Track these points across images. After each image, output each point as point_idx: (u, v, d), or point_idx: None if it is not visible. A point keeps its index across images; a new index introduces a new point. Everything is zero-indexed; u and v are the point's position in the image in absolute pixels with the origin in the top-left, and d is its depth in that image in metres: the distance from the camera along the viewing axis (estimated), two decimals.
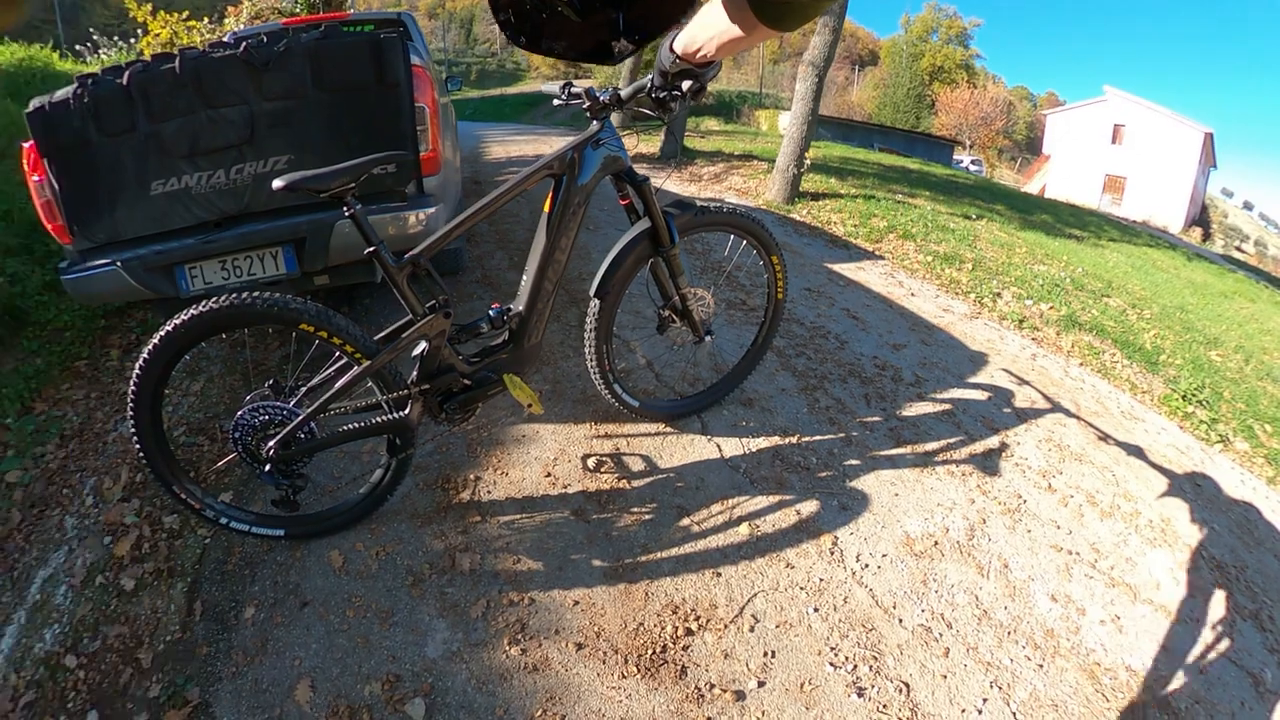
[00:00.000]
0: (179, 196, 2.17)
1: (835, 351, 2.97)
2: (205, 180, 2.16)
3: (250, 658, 1.61)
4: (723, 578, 1.76)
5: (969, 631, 1.67)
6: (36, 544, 2.06)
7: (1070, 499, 2.22)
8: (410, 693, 1.51)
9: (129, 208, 2.18)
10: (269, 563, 1.85)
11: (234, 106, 2.12)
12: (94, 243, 2.23)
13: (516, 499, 2.03)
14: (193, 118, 2.10)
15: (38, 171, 2.17)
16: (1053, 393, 2.92)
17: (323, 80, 2.15)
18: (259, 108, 2.13)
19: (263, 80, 2.10)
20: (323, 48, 2.13)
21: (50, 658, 1.69)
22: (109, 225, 2.21)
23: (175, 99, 2.08)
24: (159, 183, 2.15)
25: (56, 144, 2.12)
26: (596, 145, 1.77)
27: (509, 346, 1.86)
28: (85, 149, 2.12)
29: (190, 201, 2.18)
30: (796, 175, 5.68)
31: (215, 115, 2.11)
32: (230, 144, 2.14)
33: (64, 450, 2.46)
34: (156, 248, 2.21)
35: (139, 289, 2.22)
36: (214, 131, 2.13)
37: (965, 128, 32.30)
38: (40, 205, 2.23)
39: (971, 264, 4.61)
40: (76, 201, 2.18)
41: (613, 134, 1.81)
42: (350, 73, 2.17)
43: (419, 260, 1.64)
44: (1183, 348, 4.04)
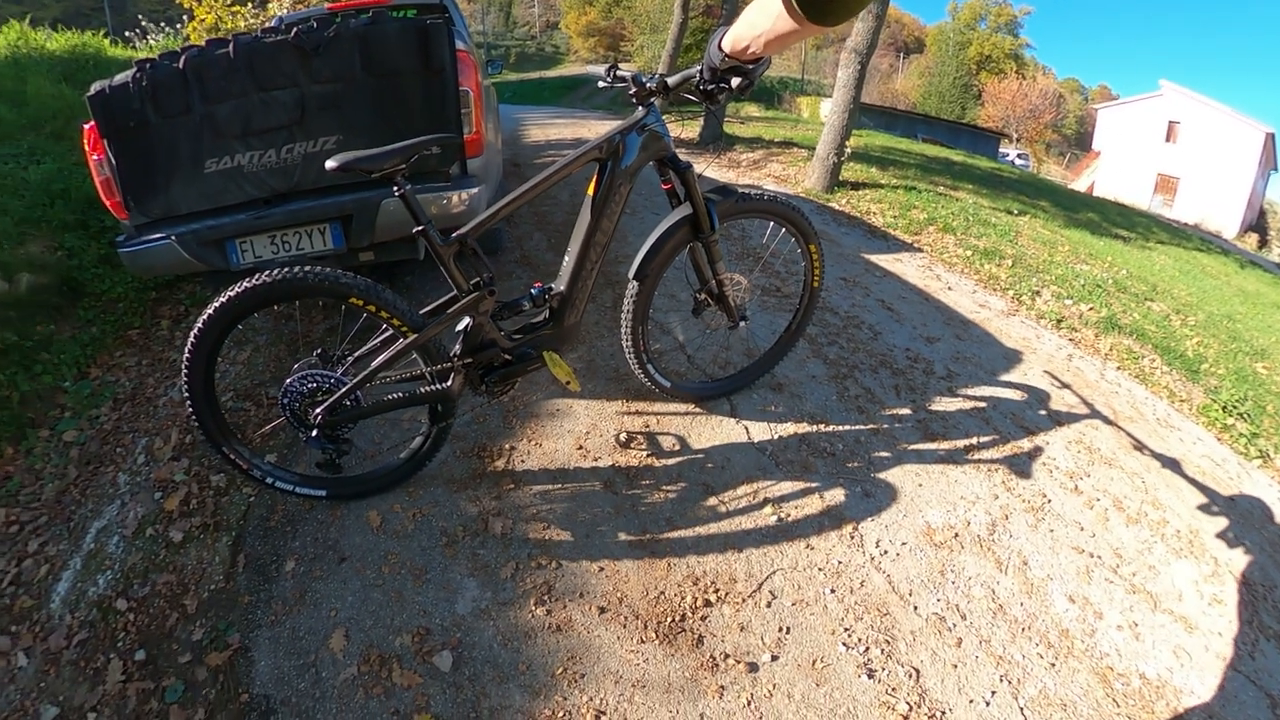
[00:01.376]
0: (231, 174, 2.26)
1: (868, 341, 2.97)
2: (257, 159, 2.25)
3: (289, 607, 1.70)
4: (743, 554, 1.81)
5: (983, 624, 1.69)
6: (91, 498, 2.19)
7: (1096, 502, 2.21)
8: (439, 645, 1.58)
9: (183, 185, 2.28)
10: (310, 520, 1.94)
11: (285, 89, 2.19)
12: (149, 218, 2.33)
13: (549, 469, 2.09)
14: (245, 100, 2.19)
15: (97, 151, 2.28)
16: (1087, 395, 2.89)
17: (371, 64, 2.21)
18: (309, 90, 2.20)
19: (313, 64, 2.18)
20: (371, 33, 2.19)
21: (102, 601, 1.80)
22: (164, 201, 2.31)
23: (229, 82, 2.17)
24: (212, 161, 2.24)
25: (115, 125, 2.21)
26: (642, 131, 1.80)
27: (550, 324, 1.92)
28: (143, 129, 2.21)
29: (242, 179, 2.27)
30: (837, 164, 5.61)
31: (267, 97, 2.19)
32: (281, 125, 2.22)
33: (117, 413, 2.60)
34: (209, 223, 2.32)
35: (191, 262, 2.33)
36: (265, 113, 2.21)
37: (1012, 120, 31.29)
38: (99, 182, 2.34)
39: (1012, 260, 4.53)
40: (134, 179, 2.27)
41: (658, 120, 1.83)
42: (397, 57, 2.22)
43: (466, 239, 1.70)
44: (1227, 357, 3.93)
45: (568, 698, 1.47)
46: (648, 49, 21.98)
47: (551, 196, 4.35)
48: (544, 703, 1.47)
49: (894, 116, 21.35)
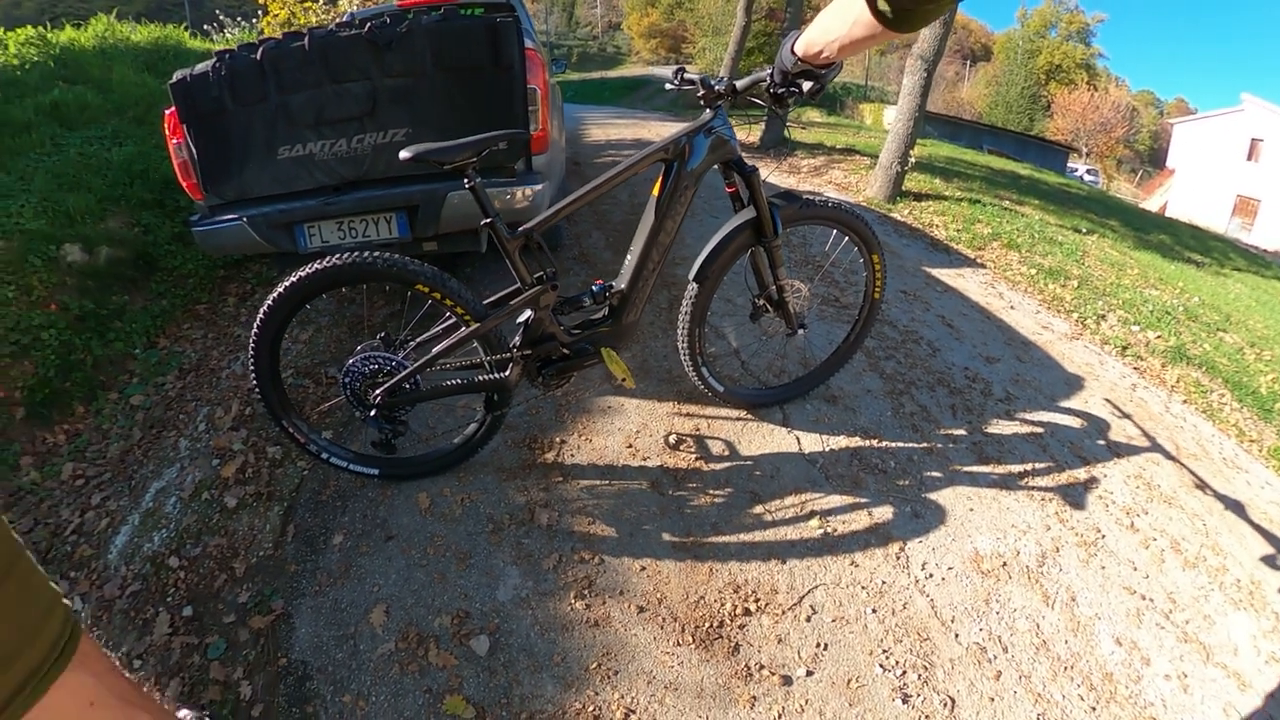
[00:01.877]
0: (303, 161, 2.35)
1: (926, 358, 2.92)
2: (328, 148, 2.33)
3: (333, 579, 1.75)
4: (787, 566, 1.80)
5: (1024, 659, 1.65)
6: (153, 459, 2.30)
7: (1153, 542, 2.12)
8: (477, 629, 1.61)
9: (257, 169, 2.38)
10: (360, 497, 1.99)
11: (357, 82, 2.27)
12: (223, 199, 2.44)
13: (597, 465, 2.12)
14: (319, 90, 2.27)
15: (177, 135, 2.39)
16: (1149, 428, 2.77)
17: (441, 60, 2.27)
18: (380, 83, 2.28)
19: (385, 58, 2.24)
20: (442, 29, 2.25)
21: (156, 557, 1.89)
22: (238, 184, 2.41)
23: (304, 73, 2.25)
24: (285, 148, 2.34)
25: (195, 111, 2.33)
26: (709, 133, 1.80)
27: (608, 322, 1.94)
28: (221, 116, 2.32)
29: (313, 166, 2.36)
30: (900, 173, 5.49)
31: (340, 89, 2.27)
32: (352, 116, 2.30)
33: (182, 381, 2.73)
34: (280, 207, 2.41)
35: (261, 243, 2.43)
36: (338, 104, 2.29)
37: (1082, 133, 30.02)
38: (177, 165, 2.45)
39: (1077, 281, 4.38)
40: (210, 162, 2.39)
41: (725, 123, 1.83)
42: (467, 54, 2.28)
43: (532, 234, 1.72)
44: None
45: (599, 693, 1.49)
46: (709, 51, 21.84)
47: (611, 196, 4.37)
48: (575, 696, 1.48)
49: (959, 126, 20.76)
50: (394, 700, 1.48)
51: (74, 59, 5.17)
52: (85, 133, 4.12)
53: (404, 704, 1.47)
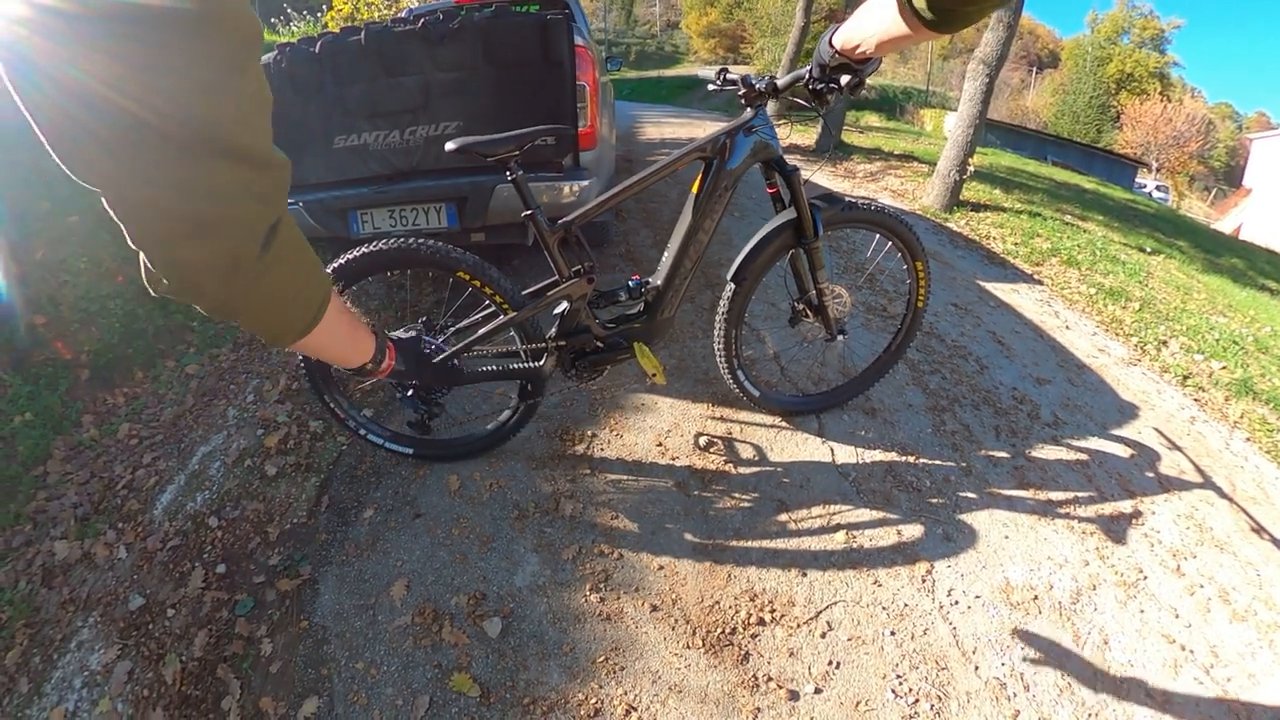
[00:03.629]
0: (357, 151, 2.42)
1: (973, 375, 2.82)
2: (382, 139, 2.39)
3: (360, 551, 1.81)
4: (807, 578, 1.76)
5: (1046, 700, 1.57)
6: (202, 425, 2.41)
7: (1199, 589, 2.00)
8: (491, 611, 1.64)
9: (314, 158, 2.45)
10: (393, 475, 2.05)
11: (411, 75, 2.32)
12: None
13: (626, 460, 2.12)
14: (374, 83, 2.33)
15: None
16: (1206, 465, 2.63)
17: (493, 56, 2.31)
18: (433, 78, 2.33)
19: (437, 53, 2.29)
20: (494, 26, 2.29)
21: (197, 515, 1.99)
22: (296, 171, 2.46)
23: (359, 67, 2.31)
24: (341, 138, 2.40)
25: None
26: (749, 132, 1.79)
27: (643, 317, 1.95)
28: (279, 106, 2.36)
29: (367, 156, 2.42)
30: (958, 182, 5.31)
31: (394, 83, 2.33)
32: (406, 108, 2.36)
33: (235, 354, 2.86)
34: (335, 193, 2.48)
35: (315, 228, 2.50)
36: (392, 96, 2.35)
37: (1153, 147, 28.58)
38: None
39: (1139, 304, 4.18)
40: None
41: (766, 122, 1.81)
42: (518, 50, 2.31)
43: (571, 226, 1.74)
44: None
45: (603, 687, 1.49)
46: (768, 52, 21.47)
47: (661, 194, 4.36)
48: (579, 686, 1.49)
49: (1023, 135, 20.07)
50: (404, 672, 1.52)
51: None
52: None
53: (413, 676, 1.51)
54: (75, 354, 2.58)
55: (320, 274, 0.75)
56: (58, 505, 2.06)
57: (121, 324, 2.76)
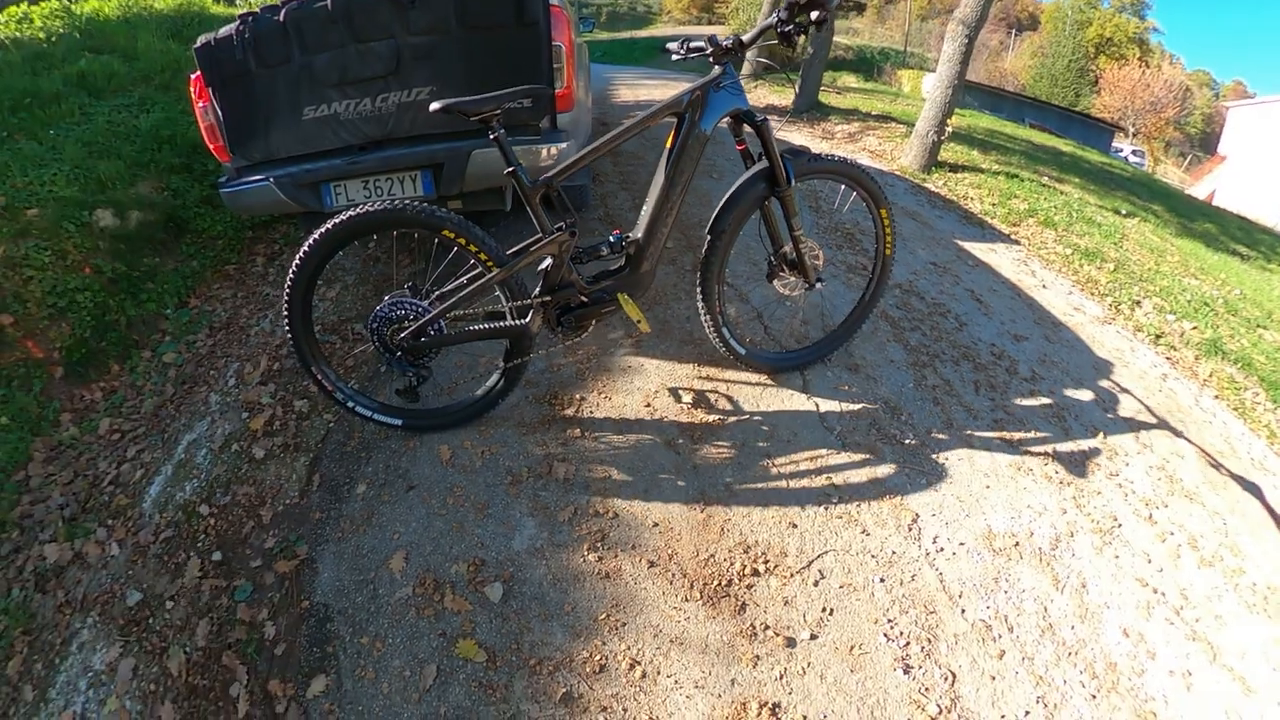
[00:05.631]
0: (328, 121, 2.35)
1: (952, 332, 2.87)
2: (353, 107, 2.33)
3: (356, 527, 1.81)
4: (798, 529, 1.81)
5: (1029, 640, 1.64)
6: (185, 413, 2.37)
7: (1170, 536, 2.09)
8: (492, 577, 1.65)
9: (282, 130, 2.39)
10: (384, 448, 2.04)
11: (381, 41, 2.26)
12: (250, 161, 2.46)
13: (615, 421, 2.13)
14: (343, 51, 2.26)
15: (203, 98, 2.40)
16: (1177, 421, 2.72)
17: (465, 18, 2.25)
18: (404, 42, 2.26)
19: (408, 17, 2.23)
20: None
21: (188, 505, 1.97)
22: (264, 145, 2.42)
23: (327, 34, 2.24)
24: (310, 109, 2.34)
25: (220, 74, 2.34)
26: (718, 88, 1.84)
27: (625, 271, 1.98)
28: (245, 78, 2.32)
29: (338, 126, 2.36)
30: (936, 143, 5.31)
31: (363, 49, 2.26)
32: (376, 75, 2.29)
33: (213, 339, 2.80)
34: (306, 166, 2.42)
35: (287, 203, 2.44)
36: (362, 63, 2.28)
37: (1130, 112, 28.54)
38: (204, 128, 2.47)
39: (1114, 265, 4.25)
40: (236, 124, 2.40)
41: (733, 78, 1.86)
42: (491, 11, 2.25)
43: (551, 183, 1.77)
44: None
45: (606, 643, 1.52)
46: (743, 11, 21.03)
47: (638, 157, 4.32)
48: (583, 644, 1.52)
49: (1001, 98, 19.97)
50: (410, 643, 1.53)
51: (99, 29, 5.17)
52: (113, 101, 4.15)
53: (419, 646, 1.52)
54: (47, 352, 2.52)
55: None
56: (43, 509, 2.03)
57: (92, 317, 2.70)
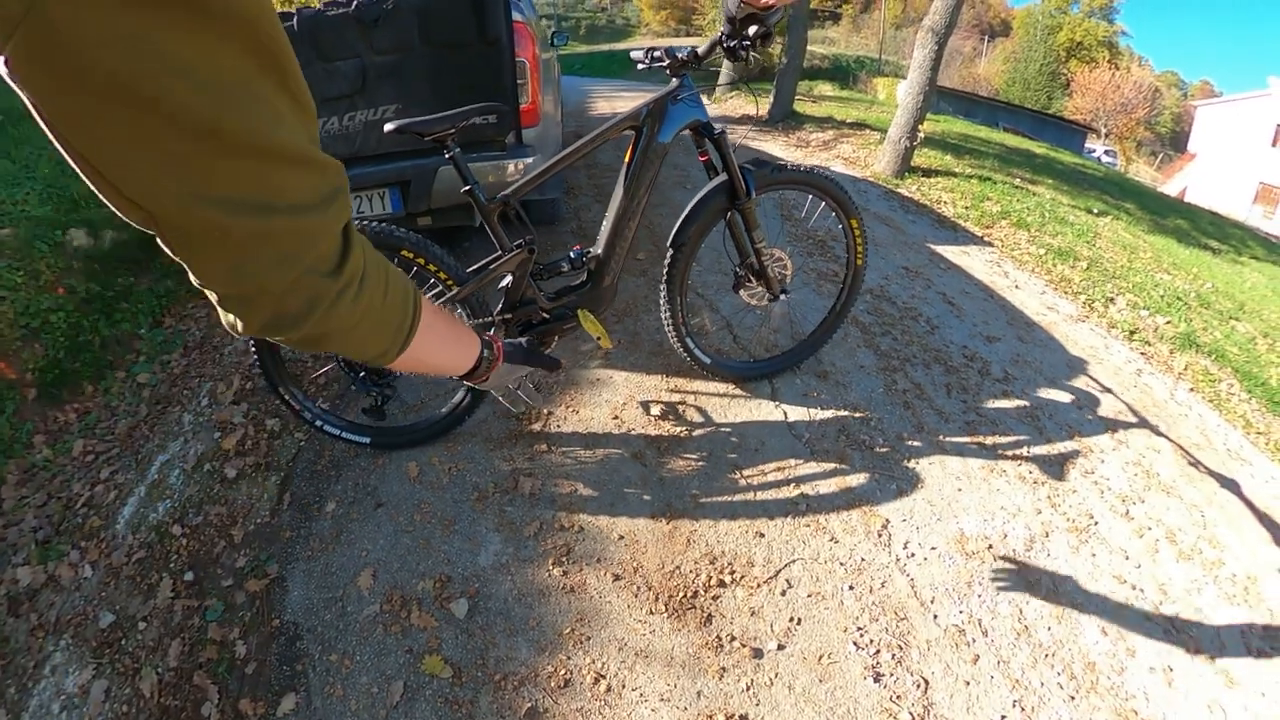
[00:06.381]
0: None
1: (924, 335, 2.86)
2: (320, 127, 2.31)
3: (325, 545, 1.79)
4: (765, 539, 1.78)
5: (1004, 644, 1.61)
6: (158, 434, 2.34)
7: (1147, 531, 2.07)
8: (457, 593, 1.63)
9: None
10: (353, 466, 2.03)
11: (347, 60, 2.27)
12: None
13: (582, 434, 2.12)
14: (309, 70, 2.28)
15: None
16: (1152, 415, 2.71)
17: (428, 35, 2.27)
18: (370, 61, 2.28)
19: (372, 35, 2.25)
20: (429, 5, 2.25)
21: (160, 526, 1.95)
22: None
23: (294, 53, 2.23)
24: None
25: None
26: (675, 100, 1.82)
27: (586, 286, 1.95)
28: None
29: None
30: (909, 148, 5.35)
31: (330, 68, 2.27)
32: (343, 94, 2.30)
33: (187, 359, 2.77)
34: None
35: None
36: (328, 82, 2.29)
37: (1102, 113, 29.18)
38: None
39: (1087, 263, 4.28)
40: None
41: (691, 89, 1.85)
42: (454, 28, 2.27)
43: (509, 200, 1.74)
44: None
45: (571, 657, 1.50)
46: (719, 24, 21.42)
47: (612, 169, 4.34)
48: (548, 659, 1.50)
49: (974, 103, 20.29)
50: (377, 659, 1.52)
51: None
52: None
53: (386, 663, 1.51)
54: (20, 373, 2.48)
55: (400, 275, 0.65)
56: (16, 531, 2.00)
57: (66, 337, 2.66)
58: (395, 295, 0.63)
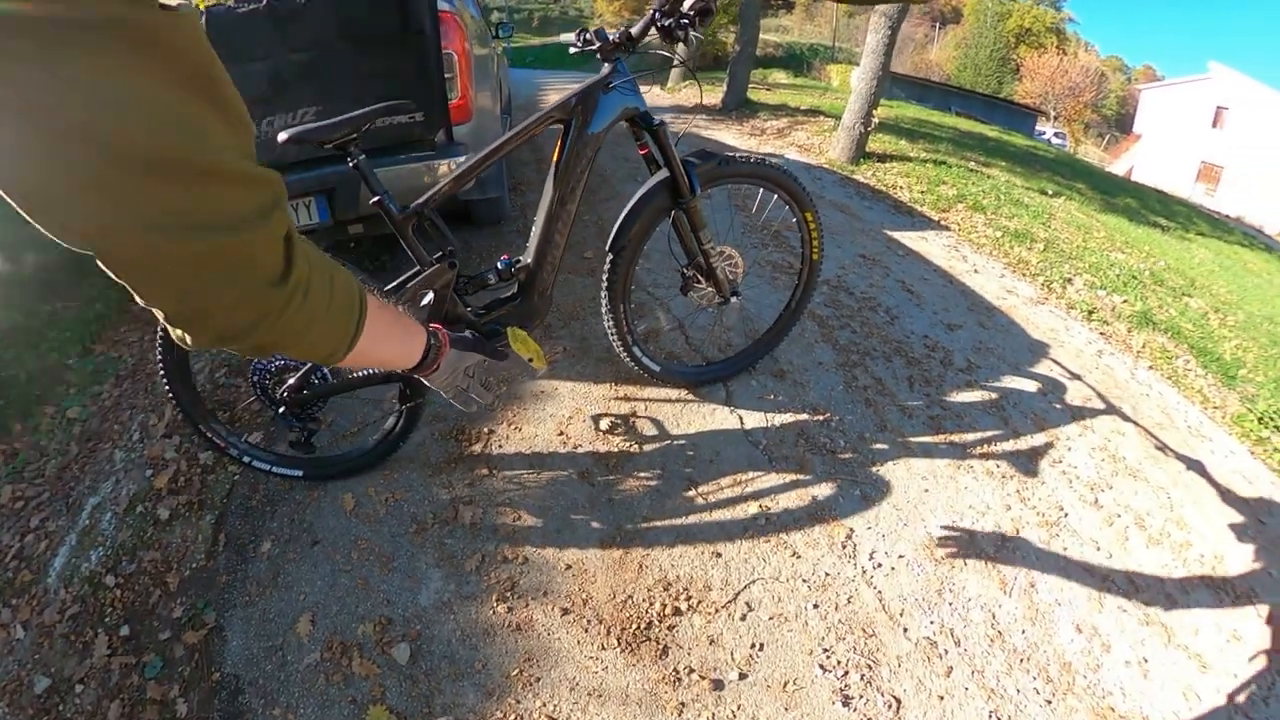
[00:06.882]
0: None
1: (884, 326, 2.78)
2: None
3: (262, 589, 1.67)
4: (723, 559, 1.67)
5: (978, 652, 1.54)
6: (89, 474, 2.17)
7: (1117, 519, 2.03)
8: (399, 637, 1.52)
9: None
10: (288, 501, 1.89)
11: (260, 61, 2.10)
12: None
13: (525, 454, 1.98)
14: None
15: None
16: (1115, 396, 2.69)
17: (348, 30, 2.11)
18: (284, 61, 2.12)
19: (287, 33, 2.09)
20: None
21: (93, 576, 1.81)
22: None
23: None
24: None
25: None
26: (607, 89, 1.63)
27: (518, 299, 1.78)
28: None
29: None
30: (863, 134, 5.32)
31: (242, 70, 2.09)
32: (259, 97, 2.13)
33: (119, 389, 2.57)
34: None
35: None
36: (242, 86, 2.06)
37: (1050, 97, 29.95)
38: None
39: (1044, 244, 4.28)
40: None
41: (625, 76, 1.66)
42: (375, 22, 2.12)
43: (424, 210, 1.56)
44: (1267, 363, 3.68)
45: (520, 701, 1.39)
46: None
47: None
48: (496, 704, 1.39)
49: (927, 88, 20.58)
50: (321, 712, 1.42)
51: None
52: None
53: (330, 715, 1.41)
54: None
55: (344, 272, 0.67)
56: None
57: None
58: (340, 296, 0.65)
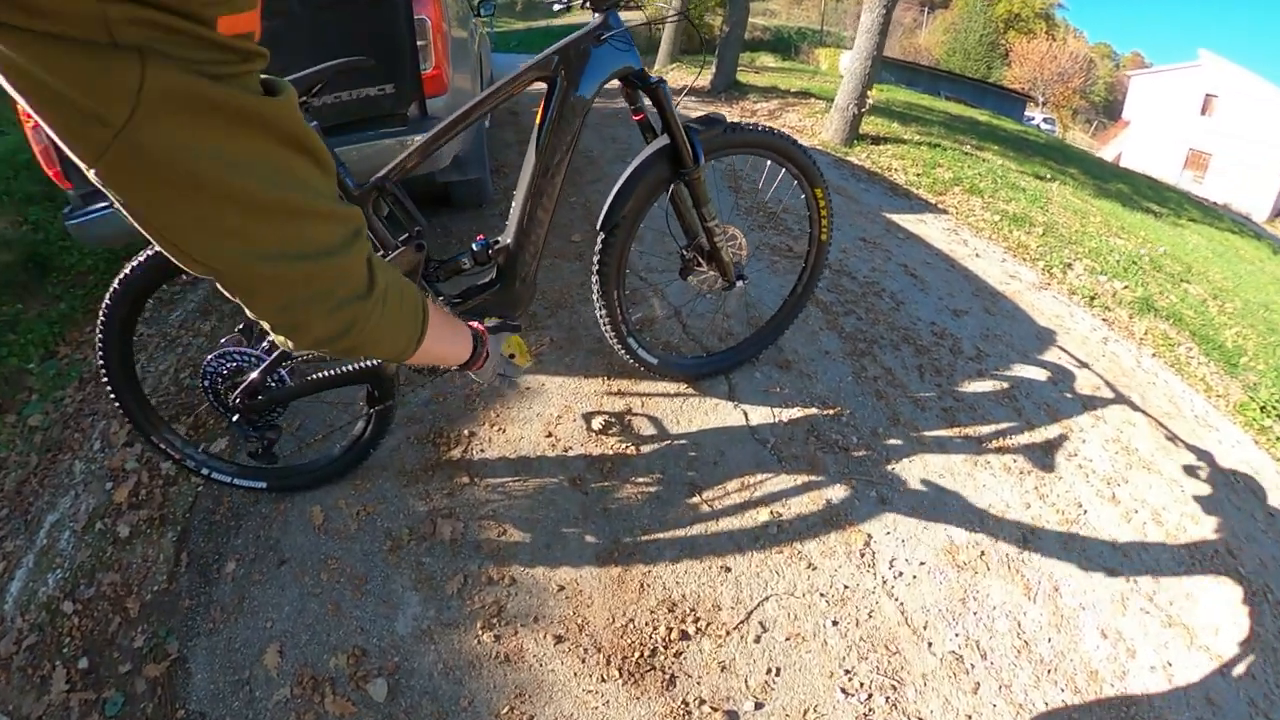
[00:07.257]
0: None
1: (889, 312, 2.66)
2: None
3: (227, 615, 1.52)
4: (732, 574, 1.53)
5: (1005, 665, 1.44)
6: (49, 488, 2.01)
7: (1134, 514, 1.94)
8: (375, 670, 1.37)
9: None
10: (253, 515, 1.74)
11: None
12: (91, 187, 2.08)
13: (510, 459, 1.81)
14: None
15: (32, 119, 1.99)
16: (1123, 385, 2.59)
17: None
18: None
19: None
20: None
21: (51, 602, 1.65)
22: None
23: None
24: None
25: None
26: (599, 41, 1.40)
27: (497, 286, 1.58)
28: None
29: None
30: (857, 115, 5.18)
31: None
32: None
33: (81, 394, 2.39)
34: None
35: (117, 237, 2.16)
36: None
37: (1040, 83, 30.10)
38: (38, 151, 2.15)
39: (1042, 229, 4.18)
40: None
41: (619, 27, 1.44)
42: None
43: (385, 184, 1.38)
44: (1266, 351, 3.61)
45: None
46: None
47: None
48: None
49: (916, 72, 20.51)
50: None
51: None
52: None
53: None
54: None
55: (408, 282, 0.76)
56: None
57: None
58: (409, 302, 0.75)
